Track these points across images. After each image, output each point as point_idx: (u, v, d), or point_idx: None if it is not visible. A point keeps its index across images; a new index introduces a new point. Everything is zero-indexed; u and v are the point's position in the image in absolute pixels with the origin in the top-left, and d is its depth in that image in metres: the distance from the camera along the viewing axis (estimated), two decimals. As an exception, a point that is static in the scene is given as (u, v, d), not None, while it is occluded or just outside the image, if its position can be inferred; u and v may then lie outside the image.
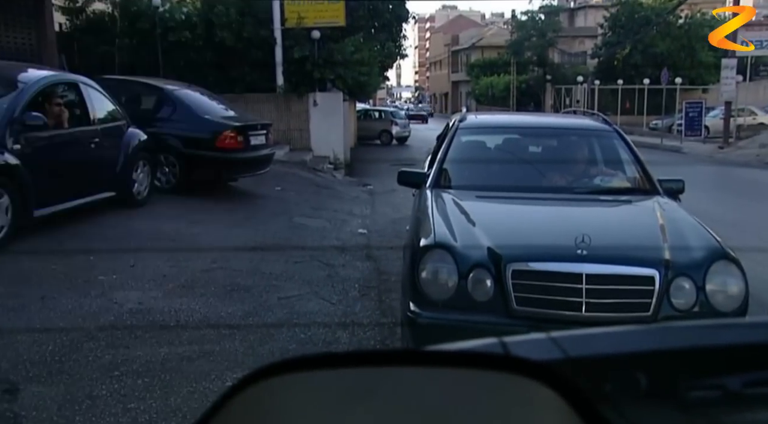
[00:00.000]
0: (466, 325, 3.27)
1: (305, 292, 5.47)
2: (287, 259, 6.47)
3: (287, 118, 15.72)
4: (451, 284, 3.36)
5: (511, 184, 4.57)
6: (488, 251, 3.40)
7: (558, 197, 4.41)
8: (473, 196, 4.33)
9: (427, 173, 4.94)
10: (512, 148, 5.26)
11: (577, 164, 5.00)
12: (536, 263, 3.37)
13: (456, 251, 3.42)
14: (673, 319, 3.22)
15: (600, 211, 4.36)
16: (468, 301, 3.33)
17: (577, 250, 3.28)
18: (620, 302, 3.27)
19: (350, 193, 12.13)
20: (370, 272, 6.31)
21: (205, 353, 4.07)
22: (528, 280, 3.30)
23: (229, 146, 9.12)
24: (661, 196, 4.41)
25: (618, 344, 0.88)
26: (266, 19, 15.54)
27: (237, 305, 5.03)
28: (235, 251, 6.54)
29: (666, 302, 3.27)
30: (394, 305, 4.82)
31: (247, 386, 0.49)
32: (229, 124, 9.45)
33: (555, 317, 3.24)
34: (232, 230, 7.64)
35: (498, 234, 3.61)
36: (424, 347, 0.63)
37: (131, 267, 5.72)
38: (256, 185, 10.50)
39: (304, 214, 9.22)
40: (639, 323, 3.16)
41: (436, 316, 3.35)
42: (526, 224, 4.03)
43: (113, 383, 3.58)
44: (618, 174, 4.84)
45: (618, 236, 3.75)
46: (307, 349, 4.24)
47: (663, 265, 3.30)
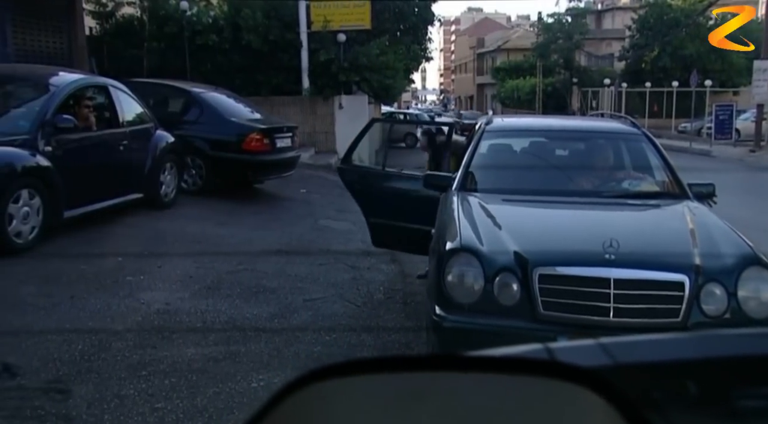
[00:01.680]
0: (491, 329, 3.24)
1: (330, 294, 5.49)
2: (312, 261, 6.50)
3: (312, 120, 15.79)
4: (477, 287, 3.34)
5: (538, 187, 4.52)
6: (515, 254, 3.37)
7: (585, 201, 4.35)
8: (499, 199, 4.30)
9: (454, 176, 4.90)
10: (539, 151, 5.22)
11: (605, 167, 4.94)
12: (563, 268, 3.34)
13: (482, 254, 3.40)
14: (703, 325, 3.17)
15: (628, 215, 4.30)
16: (494, 305, 3.31)
17: (605, 254, 3.24)
18: (649, 308, 3.22)
19: None
20: (395, 275, 6.31)
21: (231, 354, 4.10)
22: (555, 284, 3.27)
23: (255, 149, 9.19)
24: (691, 201, 4.34)
25: (666, 351, 0.88)
26: (292, 23, 15.65)
27: (262, 307, 5.07)
28: (260, 253, 6.58)
29: (696, 308, 3.21)
30: (419, 309, 4.81)
31: (295, 389, 0.49)
32: (255, 126, 9.53)
33: (582, 322, 3.20)
34: (258, 232, 7.69)
35: (525, 238, 3.58)
36: (470, 353, 0.63)
37: (158, 268, 5.78)
38: (282, 188, 10.55)
39: (329, 216, 9.25)
40: (668, 329, 3.13)
41: (461, 320, 3.33)
42: (553, 227, 3.99)
43: (141, 383, 3.62)
44: (646, 178, 4.78)
45: (647, 241, 3.70)
46: (332, 352, 4.25)
47: (693, 270, 3.25)
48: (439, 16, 23.01)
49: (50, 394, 3.44)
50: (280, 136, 9.82)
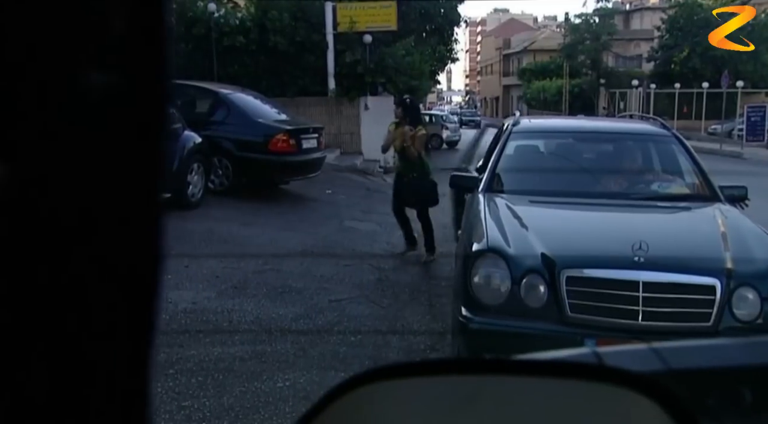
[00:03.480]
0: (518, 331, 3.23)
1: (355, 295, 5.50)
2: (338, 262, 6.51)
3: (338, 121, 15.85)
4: (503, 289, 3.32)
5: (566, 189, 4.48)
6: (542, 256, 3.35)
7: (614, 203, 4.31)
8: (527, 200, 4.28)
9: (480, 177, 4.90)
10: (566, 153, 5.18)
11: (634, 169, 4.89)
12: (591, 270, 3.31)
13: (509, 256, 3.38)
14: (735, 330, 3.11)
15: (658, 217, 4.25)
16: (521, 307, 3.29)
17: (634, 257, 3.21)
18: (679, 312, 3.18)
19: None
20: (420, 277, 6.30)
21: (257, 353, 4.12)
22: (583, 287, 3.24)
23: (281, 149, 9.24)
24: (722, 203, 4.27)
25: (719, 357, 0.87)
26: (319, 24, 15.73)
27: (288, 307, 5.09)
28: (286, 253, 6.62)
29: (728, 313, 3.16)
30: (444, 310, 4.79)
31: (344, 392, 0.49)
32: (282, 127, 9.58)
33: (610, 326, 3.16)
34: (284, 233, 7.73)
35: (552, 240, 3.55)
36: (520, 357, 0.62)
37: (185, 267, 5.83)
38: (308, 188, 10.59)
39: (354, 217, 9.27)
40: (698, 333, 3.09)
41: (488, 321, 3.32)
42: (581, 229, 3.95)
43: (168, 381, 3.65)
44: (676, 180, 4.72)
45: (677, 244, 3.65)
46: (357, 353, 4.25)
47: (724, 274, 3.20)
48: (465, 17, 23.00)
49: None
50: (306, 137, 9.87)
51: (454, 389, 0.49)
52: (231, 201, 8.83)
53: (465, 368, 0.52)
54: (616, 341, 3.03)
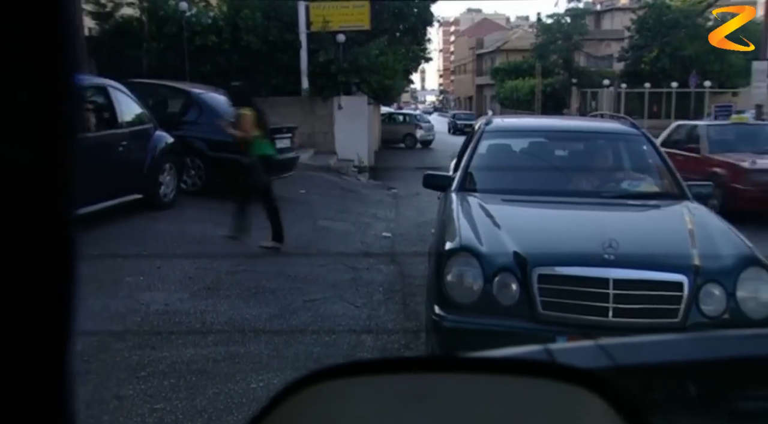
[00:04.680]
0: (491, 329, 3.25)
1: (330, 295, 5.48)
2: (312, 262, 6.48)
3: (312, 121, 15.80)
4: (476, 287, 3.35)
5: (538, 187, 4.53)
6: (514, 254, 3.38)
7: (585, 201, 4.36)
8: (499, 199, 4.31)
9: (453, 177, 4.93)
10: (538, 152, 5.23)
11: (604, 168, 4.95)
12: (563, 268, 3.35)
13: (482, 254, 3.41)
14: (702, 326, 3.18)
15: (627, 215, 4.31)
16: (493, 305, 3.32)
17: (605, 254, 3.26)
18: (648, 308, 3.23)
19: (374, 197, 12.15)
20: (395, 276, 6.29)
21: (231, 355, 4.09)
22: (554, 284, 3.28)
23: (254, 149, 9.16)
24: (690, 201, 4.35)
25: (666, 352, 0.88)
26: (292, 23, 15.66)
27: (262, 308, 5.06)
28: (259, 254, 6.58)
29: (695, 309, 3.22)
30: (419, 309, 4.81)
31: (296, 390, 0.49)
32: (255, 127, 9.50)
33: (581, 322, 3.21)
34: (258, 233, 7.62)
35: (524, 238, 3.59)
36: (470, 355, 0.63)
37: (158, 269, 5.77)
38: (281, 188, 10.40)
39: (328, 217, 9.25)
40: (667, 329, 3.14)
41: (461, 320, 3.34)
42: (553, 227, 3.99)
43: (140, 384, 3.61)
44: (646, 178, 4.79)
45: (646, 241, 3.71)
46: (331, 352, 4.24)
47: (692, 270, 3.26)
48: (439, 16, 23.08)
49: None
50: (280, 136, 9.82)
51: (403, 387, 0.49)
52: (204, 201, 8.76)
53: (415, 366, 0.52)
54: (587, 339, 3.03)
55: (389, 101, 25.21)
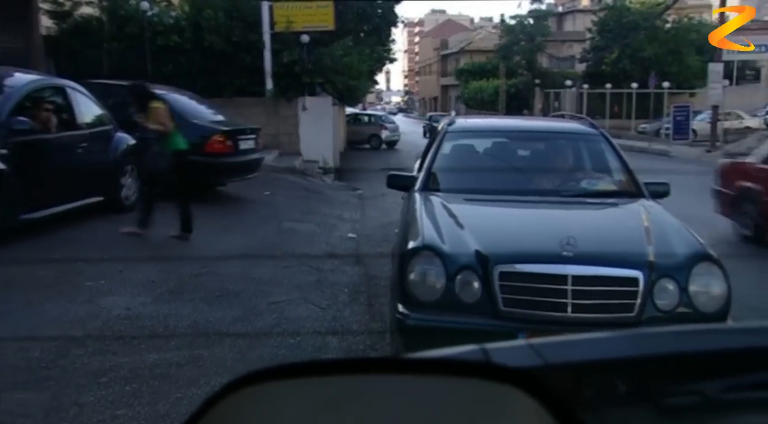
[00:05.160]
0: (454, 326, 3.31)
1: (294, 297, 5.46)
2: (276, 264, 6.46)
3: (276, 122, 15.71)
4: (439, 285, 3.41)
5: (499, 187, 4.62)
6: (476, 253, 3.44)
7: (545, 200, 4.46)
8: (461, 199, 4.39)
9: (416, 177, 4.98)
10: (500, 152, 5.33)
11: (564, 167, 5.06)
12: (523, 265, 3.42)
13: (444, 253, 3.46)
14: (657, 320, 3.29)
15: (586, 213, 4.42)
16: (456, 303, 3.38)
17: (563, 252, 3.34)
18: (605, 303, 3.32)
19: (339, 198, 12.13)
20: (360, 277, 6.31)
21: (194, 358, 4.05)
22: (515, 281, 3.35)
23: (217, 151, 9.12)
24: (646, 199, 4.48)
25: (597, 350, 0.90)
26: (255, 23, 15.54)
27: (226, 311, 5.02)
28: (223, 256, 6.51)
29: (650, 303, 3.32)
30: (384, 310, 4.81)
31: (228, 394, 0.49)
32: (218, 128, 9.46)
33: (541, 318, 3.29)
34: (221, 235, 7.63)
35: (485, 236, 3.65)
36: (405, 355, 0.64)
37: (120, 272, 5.69)
38: (245, 190, 10.47)
39: (293, 218, 9.21)
40: (624, 324, 3.25)
41: (424, 318, 3.39)
42: (513, 226, 4.09)
43: (101, 390, 3.56)
44: (604, 177, 4.90)
45: (603, 238, 3.81)
46: (296, 355, 4.24)
47: (647, 266, 3.36)
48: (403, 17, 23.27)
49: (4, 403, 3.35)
50: (244, 138, 9.77)
51: (336, 389, 0.50)
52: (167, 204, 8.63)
53: (349, 367, 0.53)
54: (547, 334, 3.11)
55: (354, 102, 25.20)
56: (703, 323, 3.26)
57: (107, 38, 15.09)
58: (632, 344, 0.94)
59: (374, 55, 21.07)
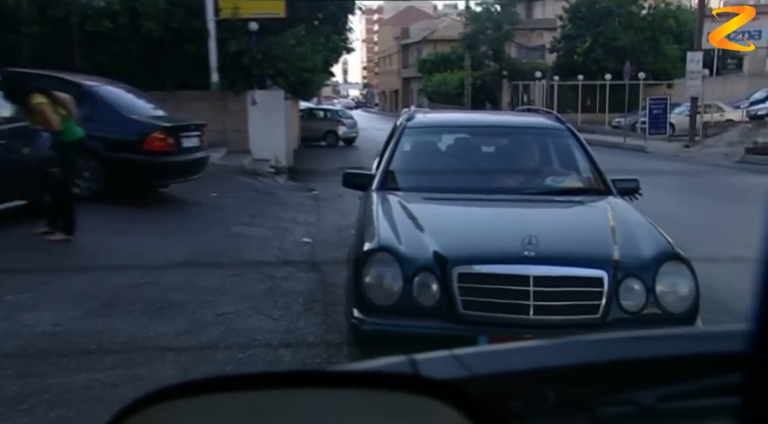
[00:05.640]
0: (412, 331, 3.39)
1: (244, 307, 5.46)
2: (224, 272, 6.45)
3: (223, 118, 15.60)
4: (396, 288, 3.48)
5: (460, 185, 4.73)
6: (434, 254, 3.52)
7: (508, 198, 4.58)
8: (420, 198, 4.48)
9: (374, 175, 5.05)
10: (461, 148, 5.46)
11: (529, 164, 5.19)
12: (482, 266, 3.50)
13: (401, 254, 3.54)
14: (623, 321, 3.40)
15: (550, 212, 4.54)
16: (414, 306, 3.46)
17: (524, 251, 3.43)
18: (569, 305, 3.42)
19: (293, 199, 12.15)
20: (315, 284, 6.33)
21: (131, 378, 3.99)
22: (474, 283, 3.43)
23: (158, 149, 9.01)
24: (614, 197, 4.62)
25: (529, 359, 0.93)
26: (198, 10, 15.37)
27: (168, 324, 4.98)
28: (165, 264, 6.48)
29: (615, 304, 3.42)
30: (341, 320, 4.81)
31: (136, 411, 0.50)
32: (158, 124, 9.36)
33: (502, 321, 3.37)
34: (162, 241, 7.56)
35: (444, 237, 3.74)
36: (328, 368, 0.65)
37: (45, 285, 5.57)
38: (190, 192, 10.40)
39: (242, 222, 9.19)
40: (588, 325, 3.35)
41: (381, 322, 3.48)
42: (474, 226, 4.18)
43: (21, 418, 3.46)
44: (570, 174, 5.04)
45: (566, 237, 3.92)
46: (245, 370, 4.17)
47: (612, 266, 3.46)
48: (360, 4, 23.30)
49: None
50: (187, 135, 9.69)
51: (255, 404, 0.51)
52: (101, 207, 8.50)
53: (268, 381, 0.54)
54: (509, 337, 3.24)
55: (308, 96, 25.14)
56: (671, 324, 3.40)
57: (26, 21, 14.59)
58: (564, 353, 0.98)
59: (330, 44, 21.06)
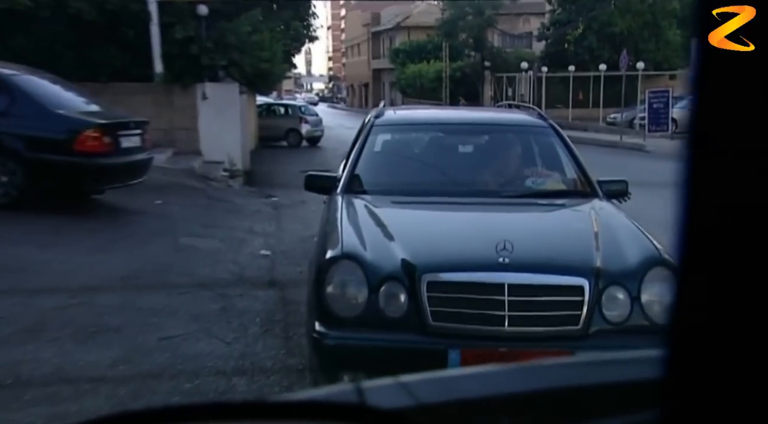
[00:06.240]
0: (378, 345, 3.52)
1: (193, 330, 5.45)
2: (170, 290, 6.45)
3: (169, 114, 15.58)
4: (360, 299, 3.59)
5: (433, 188, 4.87)
6: (402, 261, 3.63)
7: (483, 202, 4.72)
8: (389, 202, 4.66)
9: (339, 177, 5.18)
10: (434, 148, 5.63)
11: (507, 164, 5.34)
12: (453, 274, 3.63)
13: (366, 262, 3.66)
14: (606, 333, 3.52)
15: (528, 216, 4.71)
16: (380, 318, 3.57)
17: (499, 258, 3.54)
18: (547, 315, 3.53)
19: (250, 207, 12.19)
20: (275, 303, 6.35)
21: (57, 416, 3.91)
22: (445, 292, 3.54)
23: (91, 149, 8.90)
24: (600, 200, 4.76)
25: (482, 386, 0.97)
26: (137, -11, 15.19)
27: (103, 351, 4.92)
28: (100, 283, 6.43)
29: (598, 314, 3.54)
30: (304, 342, 4.80)
31: None
32: (92, 121, 9.26)
33: (475, 333, 3.49)
34: (98, 256, 7.50)
35: (413, 243, 3.86)
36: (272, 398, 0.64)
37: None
38: (130, 199, 10.35)
39: (192, 233, 9.19)
40: (568, 337, 3.49)
41: (344, 336, 3.59)
42: (446, 231, 4.31)
43: None
44: (553, 175, 5.20)
45: (544, 243, 4.06)
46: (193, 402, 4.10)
47: (593, 273, 3.58)
48: (325, -15, 23.20)
49: None
50: (126, 133, 9.63)
51: None
52: (22, 216, 8.45)
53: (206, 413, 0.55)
54: (482, 351, 3.43)
55: (267, 89, 25.10)
56: (658, 335, 3.36)
57: None
58: (522, 379, 1.02)
59: (291, 31, 21.07)
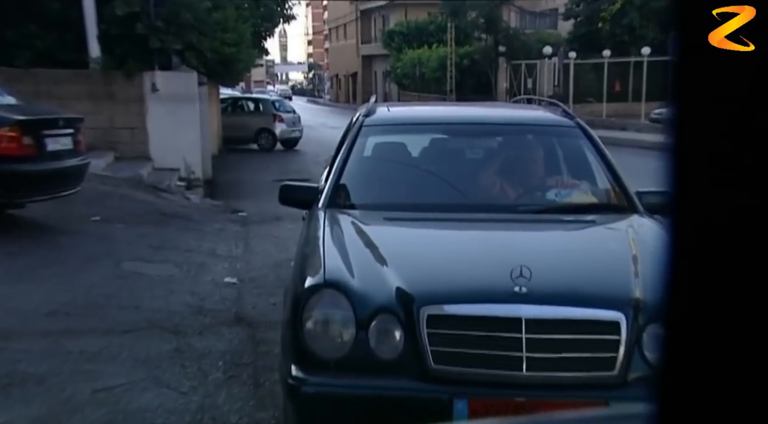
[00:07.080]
0: (367, 394, 3.52)
1: (138, 378, 5.41)
2: (110, 328, 6.43)
3: (109, 109, 15.61)
4: (346, 337, 3.61)
5: (434, 201, 4.92)
6: (396, 291, 3.64)
7: (497, 218, 4.77)
8: (381, 218, 4.71)
9: (321, 188, 5.23)
10: (436, 153, 5.71)
11: (525, 173, 5.39)
12: (459, 306, 3.63)
13: (353, 291, 3.66)
14: (648, 379, 3.50)
15: (551, 235, 4.71)
16: (370, 360, 3.57)
17: (515, 287, 3.55)
18: (574, 358, 3.51)
19: (212, 224, 12.20)
20: (242, 342, 6.34)
21: None
22: (449, 329, 3.56)
23: (8, 153, 8.90)
24: (639, 215, 4.78)
25: None
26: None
27: (19, 409, 4.86)
28: (19, 320, 6.45)
29: (638, 357, 3.51)
30: (278, 391, 4.79)
31: None
32: (8, 117, 9.20)
33: (486, 379, 3.49)
34: (16, 287, 7.49)
35: (410, 269, 3.89)
36: None
37: None
38: (59, 214, 10.38)
39: (138, 257, 9.19)
40: (603, 385, 3.48)
41: (326, 382, 3.60)
42: (449, 254, 4.32)
43: None
44: (581, 185, 5.24)
45: (571, 268, 4.06)
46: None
47: (631, 306, 3.56)
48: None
49: None
50: (53, 133, 9.63)
51: None
52: None
53: None
54: (494, 401, 3.46)
55: (232, 80, 25.12)
56: None
57: None
58: None
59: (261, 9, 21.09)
